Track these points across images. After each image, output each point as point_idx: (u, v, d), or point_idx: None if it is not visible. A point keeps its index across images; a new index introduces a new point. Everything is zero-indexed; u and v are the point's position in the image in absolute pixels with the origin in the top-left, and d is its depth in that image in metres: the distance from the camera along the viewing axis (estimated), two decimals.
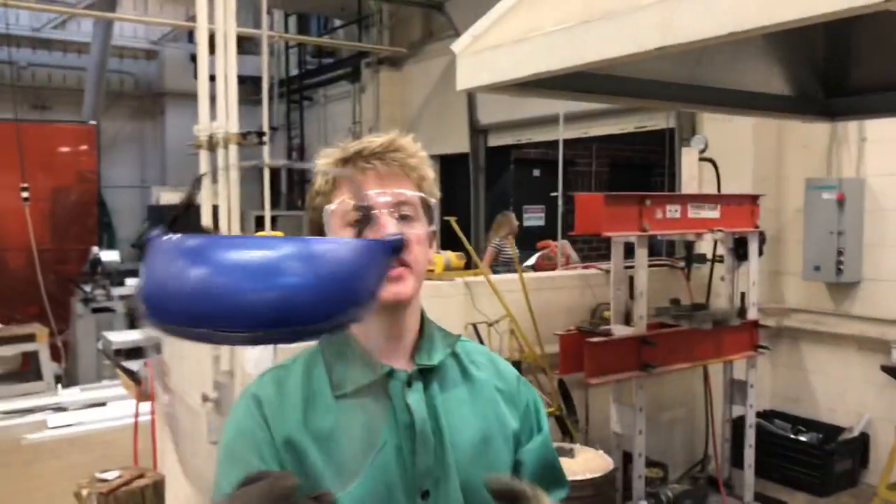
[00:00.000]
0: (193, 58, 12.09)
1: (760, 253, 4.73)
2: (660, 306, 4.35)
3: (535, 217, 8.74)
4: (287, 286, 0.73)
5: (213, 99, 2.89)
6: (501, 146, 8.43)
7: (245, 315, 0.72)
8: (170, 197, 9.78)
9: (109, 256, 8.02)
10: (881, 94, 3.49)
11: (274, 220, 4.23)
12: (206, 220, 2.86)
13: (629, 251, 4.04)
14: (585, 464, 3.37)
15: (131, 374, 3.75)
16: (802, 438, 5.23)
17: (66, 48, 11.59)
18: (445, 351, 1.16)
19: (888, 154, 4.97)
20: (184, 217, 0.85)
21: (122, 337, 5.36)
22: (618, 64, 2.23)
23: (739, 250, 4.69)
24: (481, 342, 3.67)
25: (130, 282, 8.05)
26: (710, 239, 4.69)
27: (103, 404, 6.77)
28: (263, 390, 1.11)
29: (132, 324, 7.55)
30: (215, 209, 2.85)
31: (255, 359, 2.46)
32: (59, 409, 6.76)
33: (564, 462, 3.25)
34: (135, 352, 4.58)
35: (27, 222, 7.42)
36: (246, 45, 6.91)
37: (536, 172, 8.84)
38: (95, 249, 8.20)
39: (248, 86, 6.11)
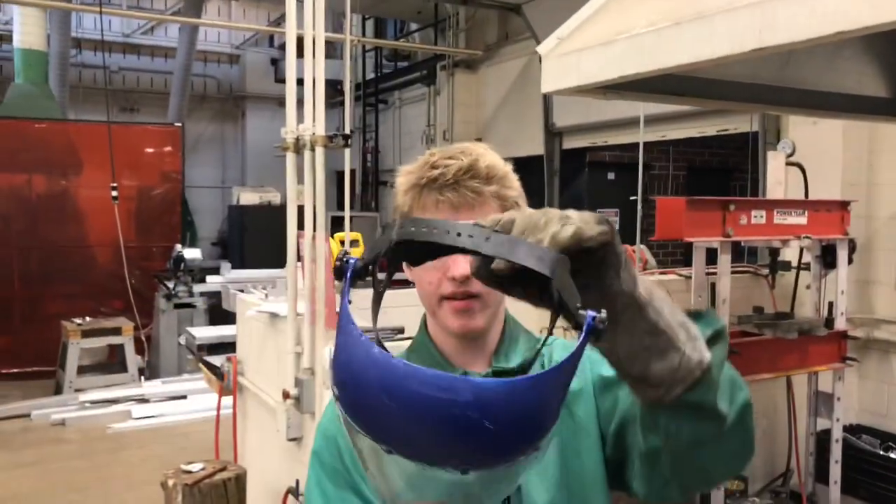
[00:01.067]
0: (274, 62, 12.54)
1: (850, 261, 4.55)
2: (742, 314, 4.23)
3: None
4: (476, 434, 0.69)
5: (297, 102, 2.94)
6: (576, 149, 8.35)
7: (436, 453, 0.70)
8: (249, 197, 10.04)
9: (192, 254, 8.28)
10: None
11: (350, 220, 4.27)
12: (292, 219, 2.92)
13: (710, 258, 3.94)
14: None
15: (214, 369, 3.85)
16: (893, 455, 5.00)
17: (153, 53, 12.06)
18: (527, 353, 1.14)
19: None
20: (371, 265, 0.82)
21: (205, 332, 5.52)
22: (709, 66, 2.18)
23: (827, 258, 4.52)
24: None
25: (211, 279, 8.29)
26: (797, 246, 4.54)
27: (184, 397, 7.02)
28: (333, 425, 1.12)
29: (212, 319, 7.78)
30: (300, 210, 2.90)
31: None
32: (143, 400, 7.03)
33: None
34: (217, 347, 4.70)
35: (116, 220, 7.74)
36: (327, 50, 7.05)
37: (611, 175, 8.71)
38: (178, 247, 8.48)
39: (330, 89, 6.21)
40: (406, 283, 1.15)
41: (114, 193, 7.64)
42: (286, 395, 2.88)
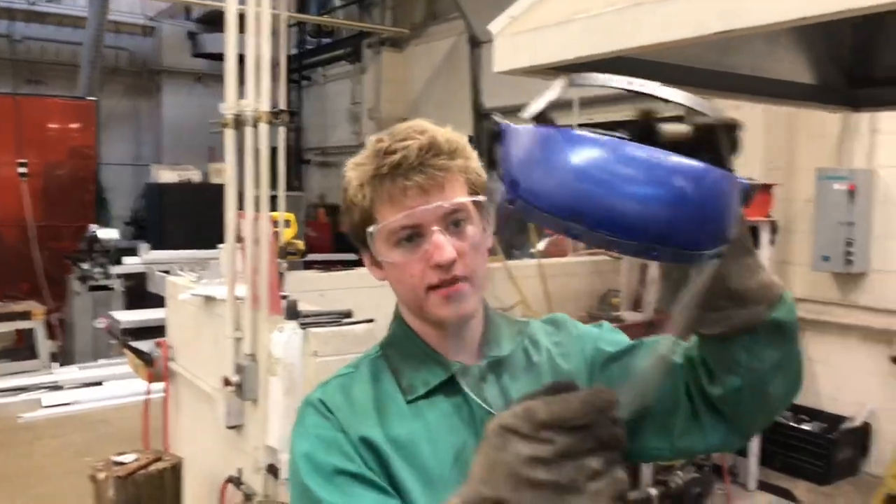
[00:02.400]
0: (191, 35, 12.06)
1: (772, 242, 4.74)
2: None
3: None
4: (677, 201, 0.69)
5: (207, 77, 2.81)
6: None
7: (625, 221, 0.69)
8: (168, 175, 9.66)
9: (107, 234, 7.93)
10: None
11: (274, 199, 4.12)
12: (231, 198, 2.81)
13: None
14: None
15: (142, 355, 3.69)
16: (805, 427, 5.26)
17: (61, 22, 11.42)
18: (514, 339, 1.11)
19: None
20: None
21: (129, 316, 5.29)
22: (669, 49, 2.19)
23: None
24: None
25: (129, 260, 7.96)
26: None
27: (99, 383, 6.74)
28: (329, 396, 1.05)
29: (131, 303, 7.47)
30: (240, 191, 2.79)
31: (284, 342, 2.43)
32: (55, 387, 6.71)
33: None
34: (143, 331, 4.52)
35: (23, 198, 7.33)
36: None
37: None
38: (93, 227, 8.09)
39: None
40: (351, 265, 1.09)
41: (22, 170, 7.23)
42: (227, 382, 2.79)
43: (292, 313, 2.50)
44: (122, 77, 12.06)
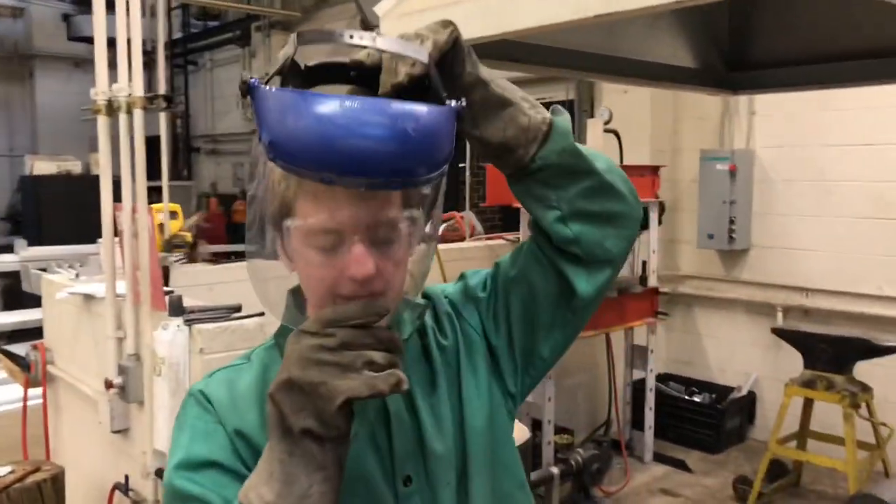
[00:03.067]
0: (66, 17, 11.39)
1: (660, 222, 4.89)
2: None
3: None
4: (405, 138, 0.82)
5: (87, 62, 2.63)
6: None
7: (367, 162, 0.81)
8: (45, 167, 9.10)
9: None
10: (778, 69, 3.63)
11: (159, 190, 3.91)
12: (107, 190, 2.65)
13: None
14: None
15: (17, 359, 3.46)
16: (696, 399, 5.48)
17: None
18: (414, 323, 1.07)
19: (774, 127, 5.22)
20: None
21: (3, 318, 4.95)
22: (547, 33, 2.20)
23: None
24: None
25: (4, 258, 7.47)
26: None
27: None
28: (211, 388, 1.01)
29: (8, 304, 7.01)
30: (116, 181, 2.63)
31: (168, 341, 2.31)
32: None
33: None
34: (18, 334, 4.23)
35: None
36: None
37: None
38: None
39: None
40: (240, 256, 1.03)
41: None
42: (109, 385, 2.64)
43: (177, 309, 2.38)
44: None
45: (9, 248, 7.76)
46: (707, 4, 1.74)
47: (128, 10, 2.47)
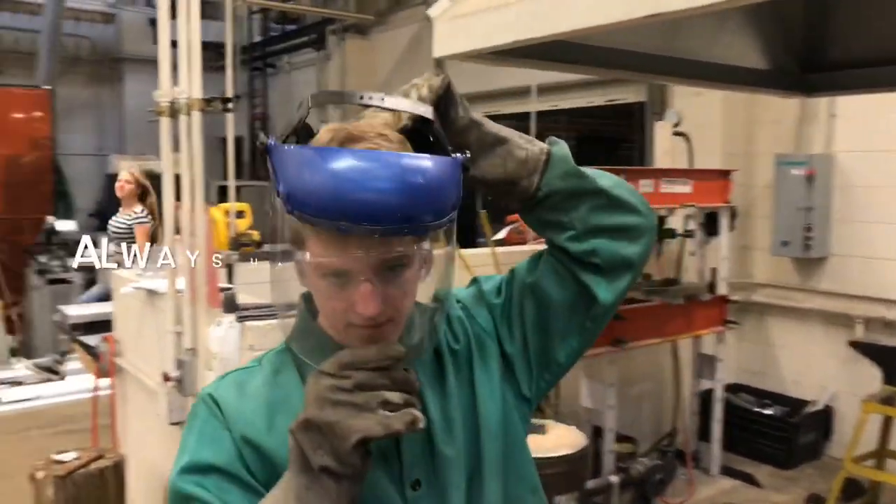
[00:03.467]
0: (153, 22, 11.82)
1: (731, 228, 4.73)
2: None
3: None
4: (412, 190, 0.87)
5: (175, 66, 2.73)
6: None
7: (379, 211, 0.86)
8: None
9: (65, 226, 7.76)
10: (856, 70, 3.47)
11: (238, 190, 4.06)
12: (168, 189, 2.73)
13: None
14: (558, 440, 3.34)
15: (89, 349, 3.61)
16: (768, 412, 5.28)
17: (16, 9, 11.13)
18: (425, 332, 1.04)
19: (857, 130, 4.98)
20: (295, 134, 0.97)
21: (78, 310, 5.16)
22: (601, 33, 2.15)
23: (710, 225, 4.68)
24: None
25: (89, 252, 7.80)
26: (682, 214, 4.66)
27: (61, 378, 6.60)
28: (221, 392, 1.04)
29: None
30: (177, 178, 2.71)
31: (220, 338, 2.36)
32: (15, 382, 6.57)
33: (536, 439, 3.21)
34: (94, 325, 4.41)
35: None
36: (208, 10, 6.68)
37: None
38: (50, 219, 7.92)
39: (211, 52, 5.89)
40: None
41: None
42: (167, 378, 2.72)
43: (230, 306, 2.43)
44: (83, 66, 11.79)
45: (95, 244, 8.10)
46: (780, 4, 1.67)
47: (187, 13, 2.55)
